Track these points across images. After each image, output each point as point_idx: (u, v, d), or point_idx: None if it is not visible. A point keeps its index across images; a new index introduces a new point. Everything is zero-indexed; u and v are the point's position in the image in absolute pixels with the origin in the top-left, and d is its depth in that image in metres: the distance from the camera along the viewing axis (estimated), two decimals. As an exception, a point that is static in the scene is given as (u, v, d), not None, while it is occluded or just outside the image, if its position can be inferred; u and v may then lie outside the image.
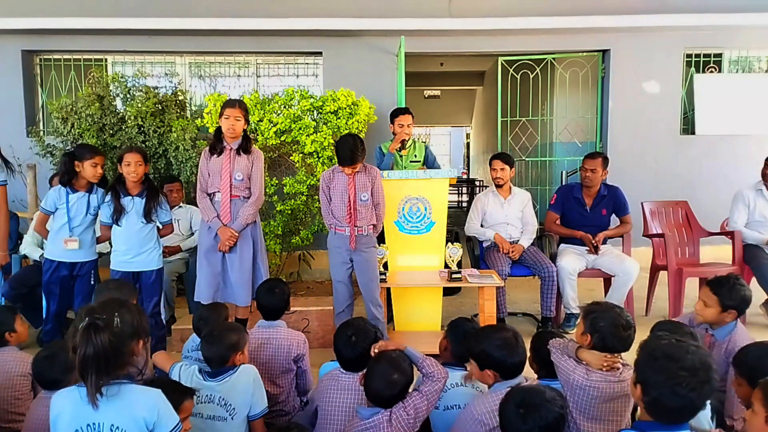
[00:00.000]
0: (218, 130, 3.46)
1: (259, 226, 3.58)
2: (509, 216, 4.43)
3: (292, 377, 2.73)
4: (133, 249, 3.38)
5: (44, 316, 3.46)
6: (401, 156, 4.43)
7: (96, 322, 1.64)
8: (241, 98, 5.17)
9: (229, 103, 3.41)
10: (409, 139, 4.43)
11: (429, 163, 4.55)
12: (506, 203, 4.44)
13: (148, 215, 3.38)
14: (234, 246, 3.42)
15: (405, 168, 4.34)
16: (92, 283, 3.45)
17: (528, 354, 2.27)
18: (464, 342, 2.36)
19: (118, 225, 3.36)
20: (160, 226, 3.54)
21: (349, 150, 3.34)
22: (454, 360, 2.49)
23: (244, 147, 3.43)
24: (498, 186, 4.44)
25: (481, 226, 4.48)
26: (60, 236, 3.37)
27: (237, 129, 3.39)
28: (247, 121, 3.47)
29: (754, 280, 4.23)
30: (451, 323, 2.63)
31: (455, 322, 2.61)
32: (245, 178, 3.43)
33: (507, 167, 4.39)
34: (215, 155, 3.42)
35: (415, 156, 4.49)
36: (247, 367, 2.31)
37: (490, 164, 4.45)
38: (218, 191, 3.41)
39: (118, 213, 3.34)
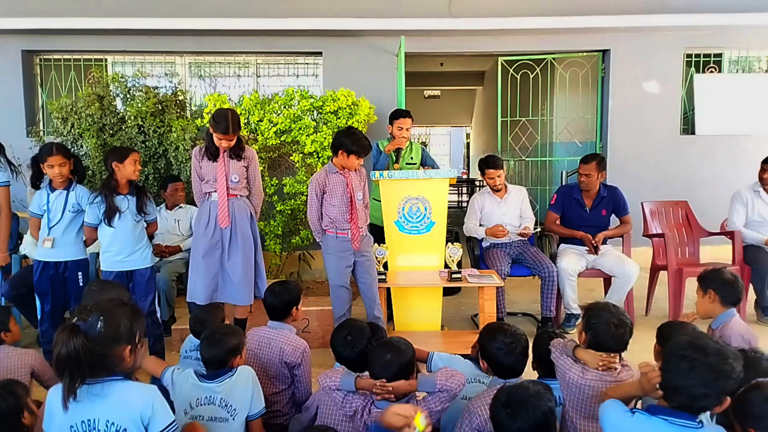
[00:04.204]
0: (210, 133, 3.33)
1: (256, 223, 3.55)
2: (506, 214, 4.42)
3: (288, 382, 2.68)
4: (127, 248, 3.35)
5: (39, 317, 3.44)
6: (395, 168, 4.39)
7: (76, 324, 1.63)
8: (241, 98, 5.21)
9: (222, 129, 3.22)
10: (406, 143, 4.41)
11: (426, 164, 4.54)
12: (503, 202, 4.45)
13: (141, 210, 3.36)
14: (236, 245, 3.38)
15: (401, 170, 4.31)
16: (81, 284, 3.38)
17: (530, 356, 2.30)
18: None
19: (110, 225, 3.28)
20: (145, 224, 3.50)
21: (367, 140, 3.45)
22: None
23: (236, 152, 3.38)
24: (495, 191, 4.46)
25: (480, 226, 4.48)
26: (42, 236, 3.36)
27: (231, 146, 3.34)
28: (240, 130, 3.38)
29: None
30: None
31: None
32: (241, 179, 3.41)
33: (502, 171, 4.39)
34: (207, 158, 3.36)
35: (412, 158, 4.49)
36: (245, 368, 2.30)
37: (483, 172, 4.42)
38: (214, 191, 3.37)
39: (113, 213, 3.26)
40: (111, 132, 4.84)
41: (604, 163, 4.39)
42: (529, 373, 2.30)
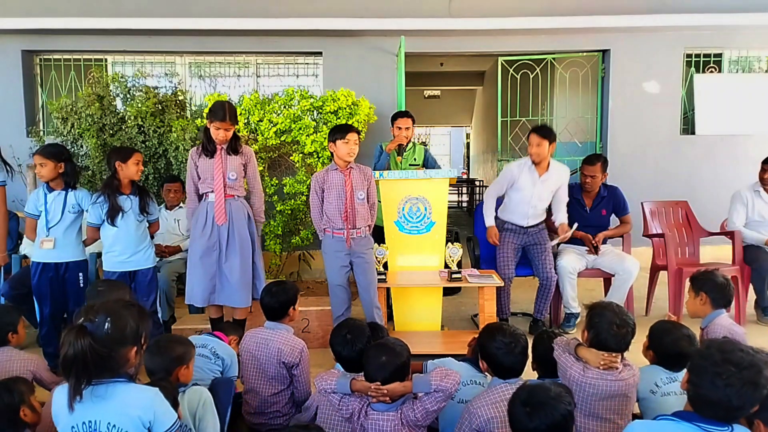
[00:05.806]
0: (206, 129, 3.34)
1: (254, 224, 3.53)
2: (537, 196, 4.04)
3: (287, 382, 2.66)
4: (130, 248, 3.36)
5: (38, 320, 3.42)
6: (398, 161, 4.40)
7: (83, 325, 1.63)
8: (241, 98, 5.21)
9: (219, 117, 3.22)
10: (408, 143, 4.41)
11: (429, 165, 4.54)
12: (540, 181, 4.02)
13: (144, 210, 3.38)
14: (234, 247, 3.36)
15: (403, 169, 4.30)
16: (81, 285, 3.38)
17: (530, 356, 2.30)
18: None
19: (114, 225, 3.29)
20: (147, 224, 3.51)
21: (348, 125, 3.52)
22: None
23: (234, 147, 3.37)
24: (535, 163, 4.02)
25: (502, 197, 4.18)
26: (41, 237, 3.33)
27: (228, 137, 3.32)
28: (236, 123, 3.38)
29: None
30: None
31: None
32: (239, 178, 3.39)
33: (545, 142, 3.92)
34: (205, 156, 3.34)
35: (415, 159, 4.48)
36: (197, 389, 2.16)
37: (528, 138, 4.03)
38: (211, 191, 3.33)
39: (116, 213, 3.27)
40: (111, 132, 4.84)
41: (607, 164, 4.38)
42: (529, 373, 2.31)
